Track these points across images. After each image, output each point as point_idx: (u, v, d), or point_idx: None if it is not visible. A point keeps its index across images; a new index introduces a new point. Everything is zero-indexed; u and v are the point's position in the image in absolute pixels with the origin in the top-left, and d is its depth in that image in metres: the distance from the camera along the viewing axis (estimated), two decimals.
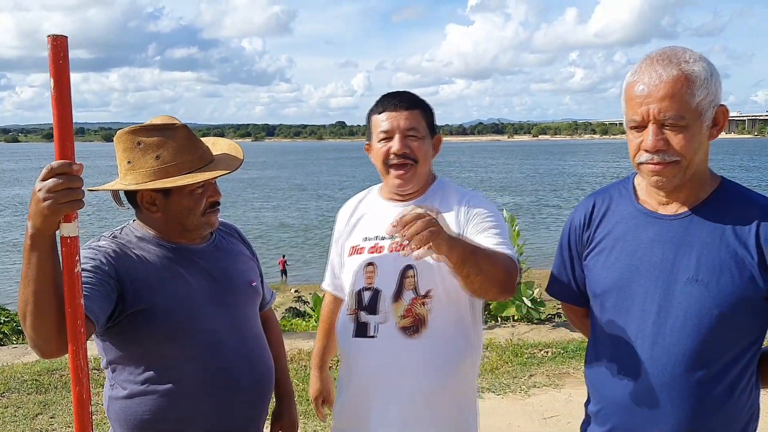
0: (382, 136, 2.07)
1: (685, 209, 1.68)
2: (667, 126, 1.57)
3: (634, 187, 1.80)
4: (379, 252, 2.10)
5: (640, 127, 1.61)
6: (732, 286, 1.60)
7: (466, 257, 1.67)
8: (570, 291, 1.95)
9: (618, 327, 1.73)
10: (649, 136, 1.58)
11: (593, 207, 1.85)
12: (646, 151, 1.60)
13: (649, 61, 1.61)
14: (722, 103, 1.63)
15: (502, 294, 1.84)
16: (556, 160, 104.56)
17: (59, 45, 1.38)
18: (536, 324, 7.53)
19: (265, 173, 77.38)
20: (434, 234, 1.56)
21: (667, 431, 1.65)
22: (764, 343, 1.71)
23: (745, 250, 1.61)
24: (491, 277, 1.76)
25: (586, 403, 1.90)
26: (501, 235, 1.98)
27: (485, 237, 1.96)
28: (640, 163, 1.63)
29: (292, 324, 9.77)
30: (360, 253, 2.14)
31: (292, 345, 6.31)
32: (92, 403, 4.89)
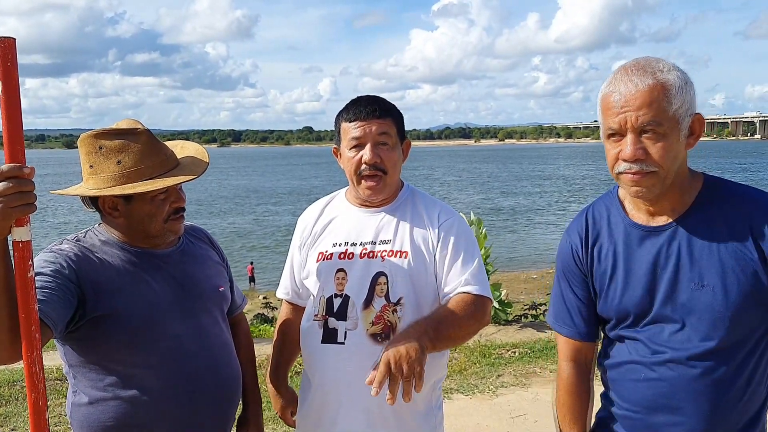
0: (353, 143, 2.04)
1: (674, 217, 1.68)
2: (645, 133, 1.56)
3: (620, 201, 1.79)
4: (350, 258, 2.07)
5: (618, 135, 1.60)
6: (738, 286, 1.59)
7: (436, 344, 1.80)
8: (574, 325, 1.86)
9: (635, 337, 1.72)
10: (627, 145, 1.57)
11: (587, 228, 1.83)
12: (624, 160, 1.59)
13: (624, 71, 1.60)
14: (697, 111, 1.61)
15: (475, 334, 2.03)
16: (526, 163, 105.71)
17: (7, 47, 1.36)
18: (504, 325, 7.61)
19: (251, 180, 76.68)
20: (420, 363, 1.69)
21: (689, 430, 1.65)
22: None
23: (743, 247, 1.60)
24: (463, 337, 1.95)
25: (602, 394, 1.88)
26: (472, 265, 2.00)
27: (457, 270, 2.00)
28: (619, 173, 1.62)
29: (260, 330, 9.71)
30: (329, 260, 2.10)
31: (260, 351, 6.24)
32: (56, 413, 4.78)
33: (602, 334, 1.89)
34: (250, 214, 40.45)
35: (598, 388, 1.88)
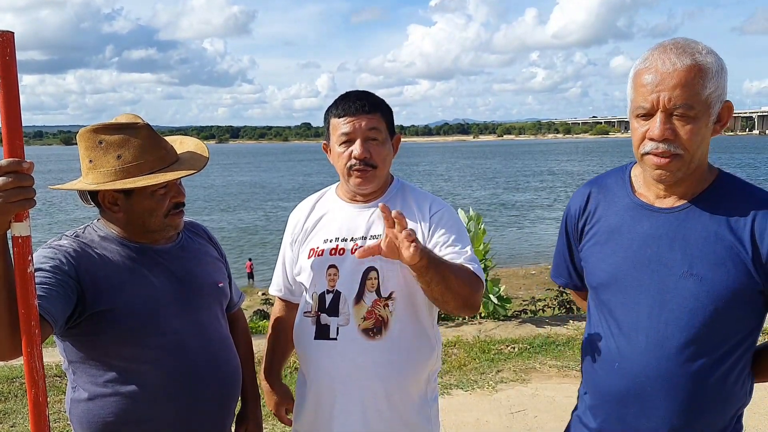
0: (343, 139, 2.04)
1: (681, 202, 1.67)
2: (675, 115, 1.54)
3: (630, 179, 1.79)
4: (341, 254, 2.08)
5: (648, 115, 1.58)
6: (727, 281, 1.59)
7: (431, 269, 1.73)
8: (570, 277, 1.98)
9: (612, 320, 1.72)
10: (656, 124, 1.55)
11: (588, 196, 1.84)
12: (652, 139, 1.57)
13: (662, 49, 1.58)
14: (727, 99, 1.61)
15: (464, 308, 1.92)
16: (528, 159, 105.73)
17: (6, 41, 1.35)
18: (503, 321, 7.61)
19: (260, 176, 76.60)
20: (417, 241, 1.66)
21: (659, 423, 1.65)
22: (759, 339, 1.71)
23: (740, 244, 1.59)
24: (453, 289, 1.83)
25: (581, 389, 1.90)
26: (466, 250, 2.00)
27: (452, 251, 1.98)
28: (645, 153, 1.61)
29: (259, 327, 9.72)
30: (320, 256, 2.11)
31: (259, 347, 6.27)
32: (55, 410, 4.79)
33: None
34: (260, 210, 40.45)
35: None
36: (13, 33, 1.37)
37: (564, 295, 8.13)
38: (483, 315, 7.87)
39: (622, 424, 1.71)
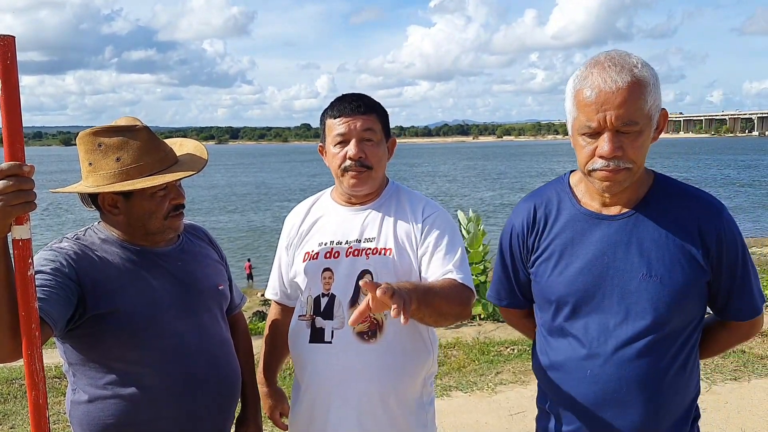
0: (338, 140, 2.04)
1: (627, 208, 1.71)
2: (622, 132, 1.57)
3: (571, 188, 1.81)
4: (335, 257, 2.08)
5: (594, 133, 1.60)
6: (683, 277, 1.65)
7: (421, 306, 1.73)
8: (512, 296, 1.98)
9: (577, 330, 1.74)
10: (605, 143, 1.57)
11: (534, 211, 1.84)
12: (602, 157, 1.59)
13: (600, 66, 1.59)
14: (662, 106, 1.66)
15: (456, 321, 2.02)
16: (529, 160, 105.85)
17: (6, 45, 1.36)
18: (502, 322, 7.61)
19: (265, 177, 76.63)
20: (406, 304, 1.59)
21: (635, 422, 1.68)
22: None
23: (690, 242, 1.66)
24: (446, 312, 1.87)
25: (541, 400, 1.91)
26: (455, 256, 2.01)
27: (440, 260, 1.99)
28: (593, 170, 1.63)
29: (258, 328, 9.73)
30: (315, 259, 2.11)
31: (258, 348, 6.26)
32: (54, 411, 4.78)
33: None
34: (267, 210, 40.45)
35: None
36: (14, 37, 1.38)
37: None
38: (482, 316, 7.88)
39: (596, 429, 1.74)
